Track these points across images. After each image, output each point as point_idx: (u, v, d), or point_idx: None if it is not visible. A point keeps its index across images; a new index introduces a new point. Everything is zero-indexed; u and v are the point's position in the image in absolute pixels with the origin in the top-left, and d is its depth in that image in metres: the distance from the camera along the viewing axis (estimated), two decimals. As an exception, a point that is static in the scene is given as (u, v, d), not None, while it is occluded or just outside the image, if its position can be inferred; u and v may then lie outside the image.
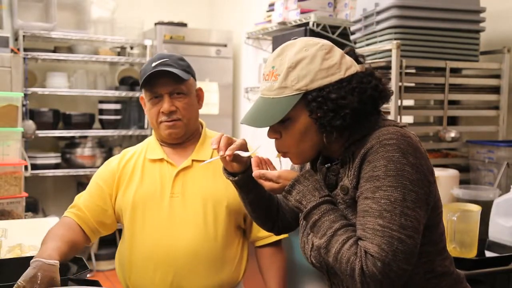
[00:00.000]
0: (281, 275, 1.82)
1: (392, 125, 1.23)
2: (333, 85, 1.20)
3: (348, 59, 1.26)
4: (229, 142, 1.36)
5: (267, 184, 1.28)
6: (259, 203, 1.46)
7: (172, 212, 1.71)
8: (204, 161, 1.61)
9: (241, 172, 1.39)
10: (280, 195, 1.34)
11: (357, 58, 1.29)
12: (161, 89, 1.71)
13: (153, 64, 1.71)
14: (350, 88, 1.20)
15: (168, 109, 1.69)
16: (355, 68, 1.25)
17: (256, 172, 1.29)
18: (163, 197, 1.73)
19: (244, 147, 1.37)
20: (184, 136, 1.78)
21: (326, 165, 1.32)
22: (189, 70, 1.77)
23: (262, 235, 1.81)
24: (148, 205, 1.73)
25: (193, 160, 1.76)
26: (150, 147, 1.82)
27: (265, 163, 1.33)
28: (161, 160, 1.77)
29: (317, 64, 1.21)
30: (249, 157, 1.37)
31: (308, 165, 1.41)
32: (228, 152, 1.33)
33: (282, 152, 1.29)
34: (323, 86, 1.20)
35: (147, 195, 1.73)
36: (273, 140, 1.31)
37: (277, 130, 1.26)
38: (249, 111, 1.28)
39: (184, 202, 1.72)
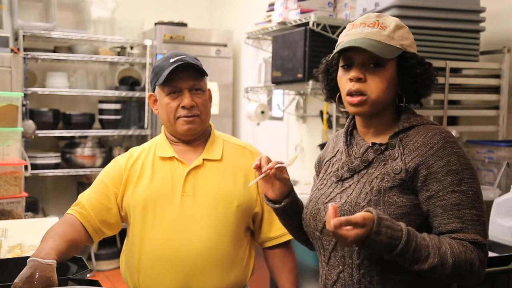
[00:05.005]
0: (295, 276, 1.80)
1: (436, 124, 1.35)
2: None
3: None
4: (269, 160, 1.41)
5: (352, 234, 1.12)
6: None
7: (183, 210, 1.70)
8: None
9: (284, 196, 1.43)
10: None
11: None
12: (181, 84, 1.71)
13: (171, 60, 1.71)
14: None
15: (190, 104, 1.70)
16: None
17: (336, 220, 1.11)
18: (174, 196, 1.71)
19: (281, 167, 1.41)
20: (199, 133, 1.77)
21: (372, 142, 1.37)
22: (204, 69, 1.78)
23: (273, 235, 1.79)
24: (159, 203, 1.71)
25: (204, 159, 1.76)
26: (160, 145, 1.80)
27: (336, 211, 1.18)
28: (172, 158, 1.76)
29: (412, 36, 1.37)
30: (290, 182, 1.42)
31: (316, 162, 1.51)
32: (270, 165, 1.37)
33: (360, 94, 1.31)
34: (416, 54, 1.35)
35: (158, 193, 1.72)
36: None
37: (364, 72, 1.32)
38: (353, 40, 1.31)
39: (195, 201, 1.71)
